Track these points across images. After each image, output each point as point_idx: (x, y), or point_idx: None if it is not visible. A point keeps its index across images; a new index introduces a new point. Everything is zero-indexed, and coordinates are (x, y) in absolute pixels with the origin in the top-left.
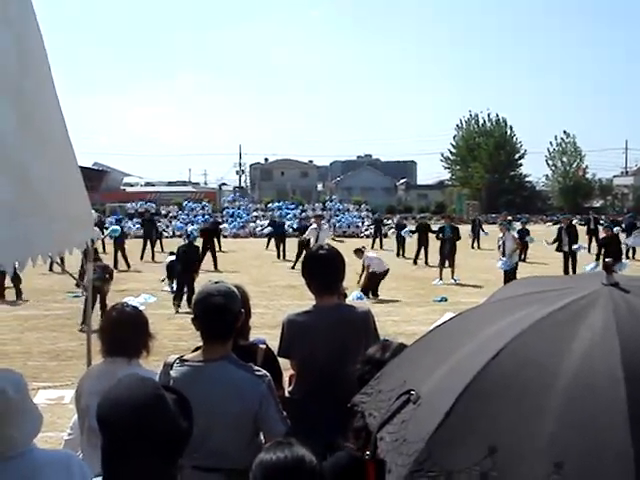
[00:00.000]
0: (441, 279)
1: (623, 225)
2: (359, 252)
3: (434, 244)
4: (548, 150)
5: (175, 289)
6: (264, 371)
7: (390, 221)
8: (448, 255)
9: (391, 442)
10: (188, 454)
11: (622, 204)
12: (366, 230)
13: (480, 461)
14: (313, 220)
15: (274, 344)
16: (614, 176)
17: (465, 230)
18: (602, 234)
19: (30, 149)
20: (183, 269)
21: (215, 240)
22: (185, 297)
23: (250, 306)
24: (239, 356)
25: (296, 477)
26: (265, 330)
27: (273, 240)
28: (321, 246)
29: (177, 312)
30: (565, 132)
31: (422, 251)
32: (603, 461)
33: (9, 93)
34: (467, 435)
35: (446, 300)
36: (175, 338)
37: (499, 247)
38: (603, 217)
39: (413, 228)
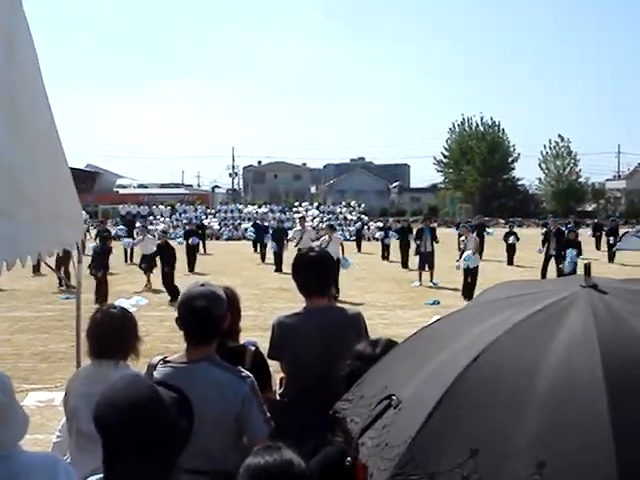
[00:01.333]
0: (420, 282)
1: (605, 229)
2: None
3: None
4: (542, 153)
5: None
6: (247, 372)
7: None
8: (428, 258)
9: (373, 447)
10: None
11: (615, 208)
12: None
13: (462, 463)
14: (298, 222)
15: (266, 346)
16: (607, 180)
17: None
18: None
19: (19, 149)
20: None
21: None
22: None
23: (240, 308)
24: (228, 358)
25: None
26: (257, 332)
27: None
28: (311, 248)
29: None
30: (560, 136)
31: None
32: (585, 461)
33: None
34: (449, 438)
35: (438, 303)
36: (167, 340)
37: (460, 248)
38: (595, 220)
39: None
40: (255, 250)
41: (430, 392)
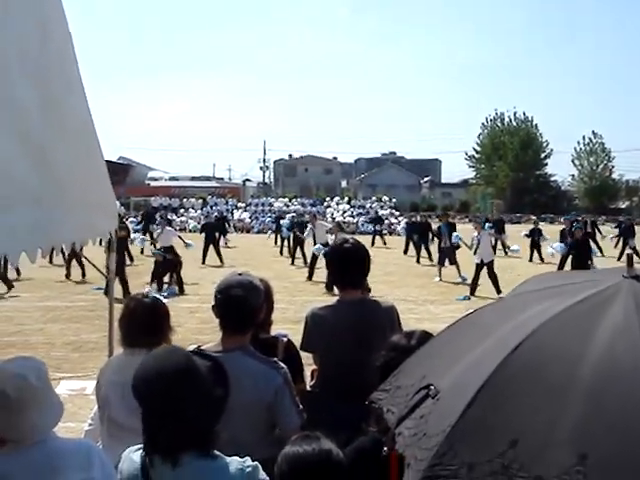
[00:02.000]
0: (440, 277)
1: (620, 227)
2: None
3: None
4: (575, 150)
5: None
6: (281, 363)
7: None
8: (449, 254)
9: (410, 437)
10: None
11: None
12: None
13: (502, 453)
14: (309, 220)
15: (296, 339)
16: None
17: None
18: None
19: (52, 135)
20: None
21: (220, 235)
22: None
23: (273, 300)
24: (260, 349)
25: (323, 471)
26: (287, 325)
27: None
28: (346, 239)
29: None
30: (594, 132)
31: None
32: (628, 450)
33: (31, 80)
34: (488, 427)
35: (469, 299)
36: (197, 332)
37: (472, 245)
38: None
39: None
40: (275, 243)
41: (470, 381)
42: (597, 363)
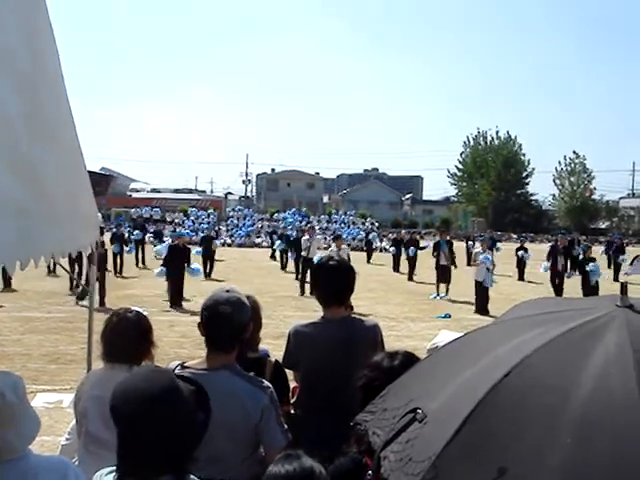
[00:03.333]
0: (438, 294)
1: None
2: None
3: (422, 259)
4: (556, 169)
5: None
6: (267, 383)
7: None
8: (445, 271)
9: (396, 461)
10: None
11: (628, 226)
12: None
13: None
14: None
15: (277, 354)
16: (620, 198)
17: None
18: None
19: (40, 149)
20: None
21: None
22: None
23: (261, 317)
24: (248, 368)
25: None
26: (268, 340)
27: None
28: (331, 257)
29: None
30: (575, 152)
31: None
32: None
33: (18, 92)
34: (476, 455)
35: (449, 317)
36: (176, 345)
37: (473, 261)
38: (608, 238)
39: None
40: (272, 256)
41: (458, 407)
42: (590, 394)
